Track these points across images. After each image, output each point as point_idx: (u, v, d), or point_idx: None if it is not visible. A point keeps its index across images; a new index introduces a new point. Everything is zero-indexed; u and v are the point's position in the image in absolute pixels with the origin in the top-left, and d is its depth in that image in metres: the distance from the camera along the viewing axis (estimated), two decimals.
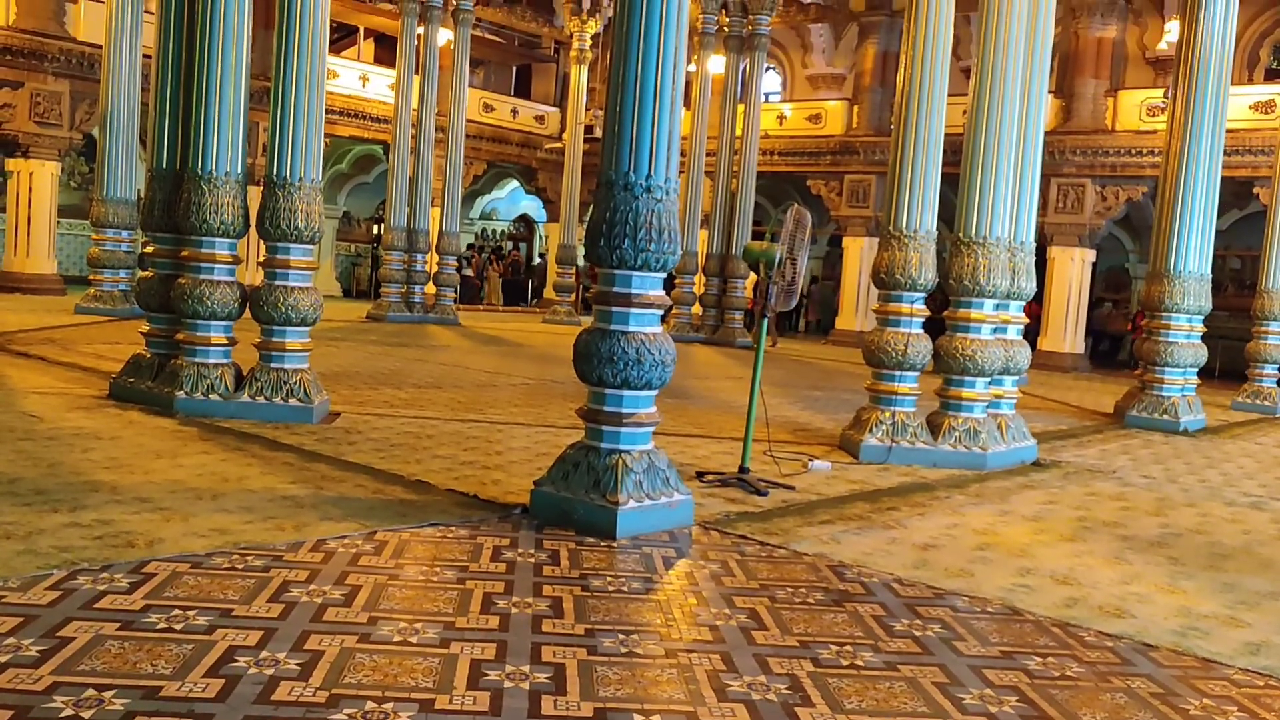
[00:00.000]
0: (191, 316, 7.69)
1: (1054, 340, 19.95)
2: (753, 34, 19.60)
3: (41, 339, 11.60)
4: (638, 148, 5.11)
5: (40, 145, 18.36)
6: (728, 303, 19.84)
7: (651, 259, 5.10)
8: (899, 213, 7.91)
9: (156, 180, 8.08)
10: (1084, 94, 20.01)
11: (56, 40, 18.34)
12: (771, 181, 23.77)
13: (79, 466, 5.70)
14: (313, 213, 7.76)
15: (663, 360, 5.15)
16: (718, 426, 8.94)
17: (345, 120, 22.33)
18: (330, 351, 12.11)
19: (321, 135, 7.90)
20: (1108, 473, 8.21)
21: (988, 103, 8.02)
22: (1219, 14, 11.15)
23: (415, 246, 18.99)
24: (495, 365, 13.19)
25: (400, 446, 7.00)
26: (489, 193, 30.68)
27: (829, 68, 28.34)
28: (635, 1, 5.10)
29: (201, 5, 7.73)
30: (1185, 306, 11.28)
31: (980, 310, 8.03)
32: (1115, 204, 19.64)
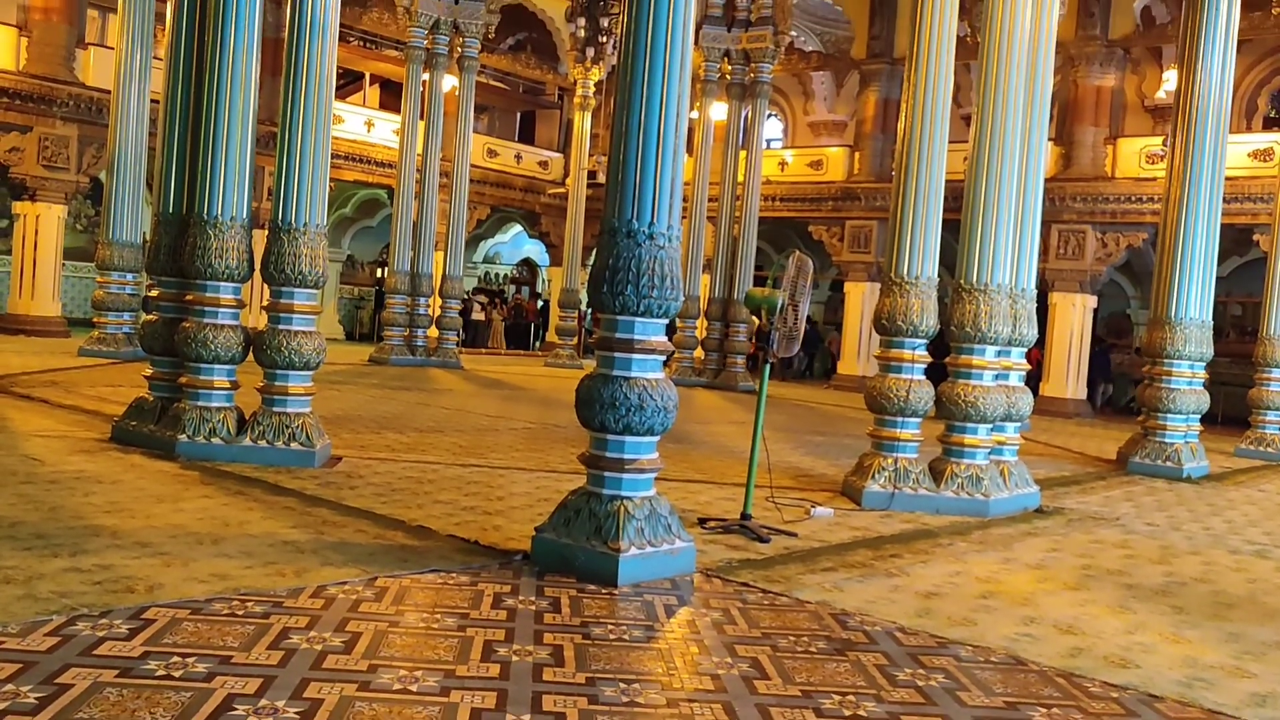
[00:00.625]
0: (195, 360, 7.71)
1: (1056, 386, 19.95)
2: (755, 81, 19.79)
3: (44, 381, 11.62)
4: (641, 196, 5.15)
5: (47, 188, 18.51)
6: (730, 347, 19.87)
7: (654, 305, 5.12)
8: (900, 259, 7.95)
9: (163, 225, 8.14)
10: (1084, 141, 20.17)
11: (66, 85, 18.55)
12: (773, 226, 23.89)
13: (80, 510, 5.69)
14: (317, 257, 7.80)
15: (665, 406, 5.15)
16: (720, 472, 8.93)
17: (350, 165, 22.51)
18: (333, 395, 12.12)
19: (327, 181, 7.96)
20: (1111, 520, 8.18)
21: (988, 150, 8.09)
22: (1216, 63, 11.27)
23: (418, 290, 19.06)
24: (497, 409, 13.19)
25: (402, 491, 6.99)
26: (492, 236, 30.85)
27: (830, 114, 28.62)
28: (639, 52, 5.16)
29: (210, 53, 7.83)
30: (1187, 353, 11.29)
31: (982, 357, 8.04)
32: (1116, 250, 19.72)
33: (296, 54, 7.78)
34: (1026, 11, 8.21)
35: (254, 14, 7.88)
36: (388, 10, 22.11)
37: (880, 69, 22.61)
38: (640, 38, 5.17)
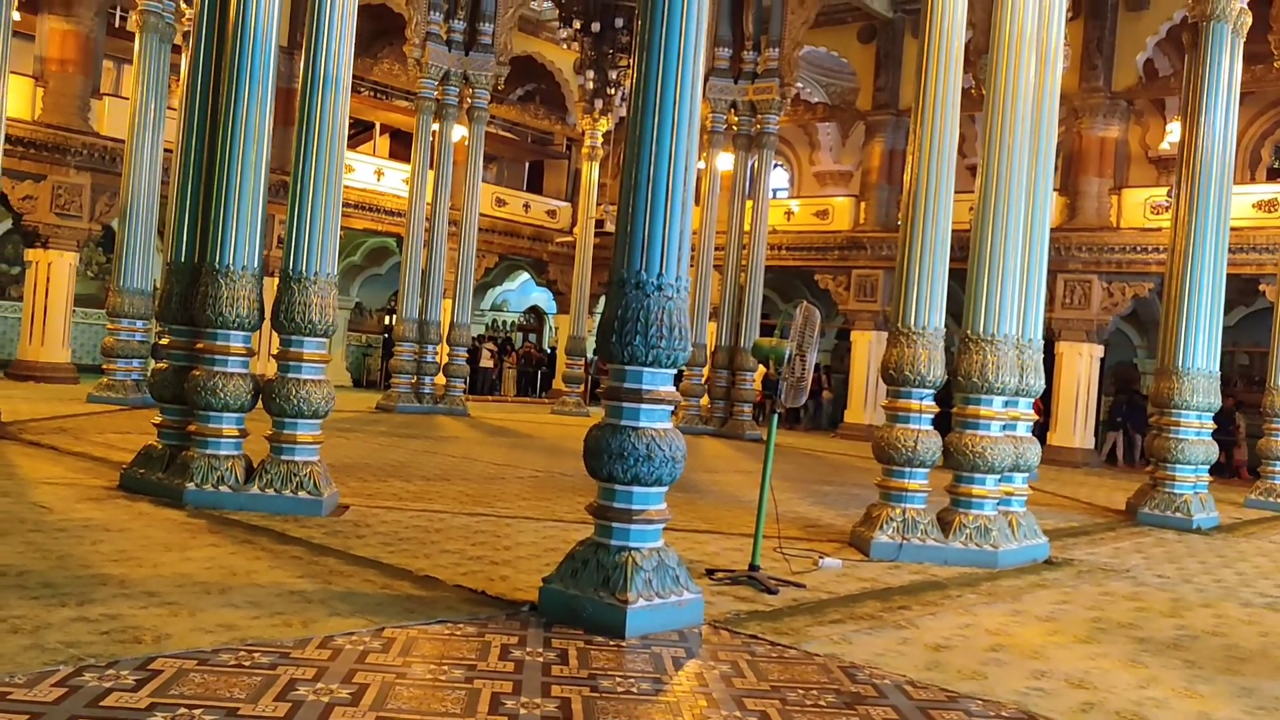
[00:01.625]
0: (204, 408, 7.74)
1: (1064, 435, 19.90)
2: (761, 132, 19.96)
3: (53, 428, 11.65)
4: (649, 247, 5.19)
5: (60, 236, 18.68)
6: (736, 395, 19.87)
7: (662, 356, 5.15)
8: (907, 310, 7.98)
9: (174, 274, 8.21)
10: (1088, 192, 20.28)
11: (80, 135, 18.78)
12: (780, 275, 24.00)
13: (88, 559, 5.69)
14: (327, 306, 7.85)
15: (673, 457, 5.16)
16: (727, 522, 8.90)
17: (360, 213, 22.69)
18: (340, 443, 12.13)
19: (338, 230, 8.04)
20: (1121, 572, 8.13)
21: (994, 201, 8.14)
22: (1219, 115, 11.37)
23: (426, 338, 19.13)
24: (504, 457, 13.19)
25: (409, 540, 6.98)
26: (500, 284, 31.00)
27: (836, 165, 28.83)
28: (648, 107, 5.23)
29: (224, 104, 7.94)
30: (1195, 403, 11.28)
31: (989, 407, 8.04)
32: (1122, 300, 19.76)
33: (309, 105, 7.88)
34: (1030, 65, 8.30)
35: (268, 66, 8.00)
36: (399, 62, 22.42)
37: (886, 120, 22.82)
38: (650, 93, 5.24)
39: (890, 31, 22.89)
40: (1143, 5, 20.03)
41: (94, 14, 19.20)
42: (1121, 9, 20.21)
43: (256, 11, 7.93)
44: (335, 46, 7.92)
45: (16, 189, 18.11)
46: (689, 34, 5.27)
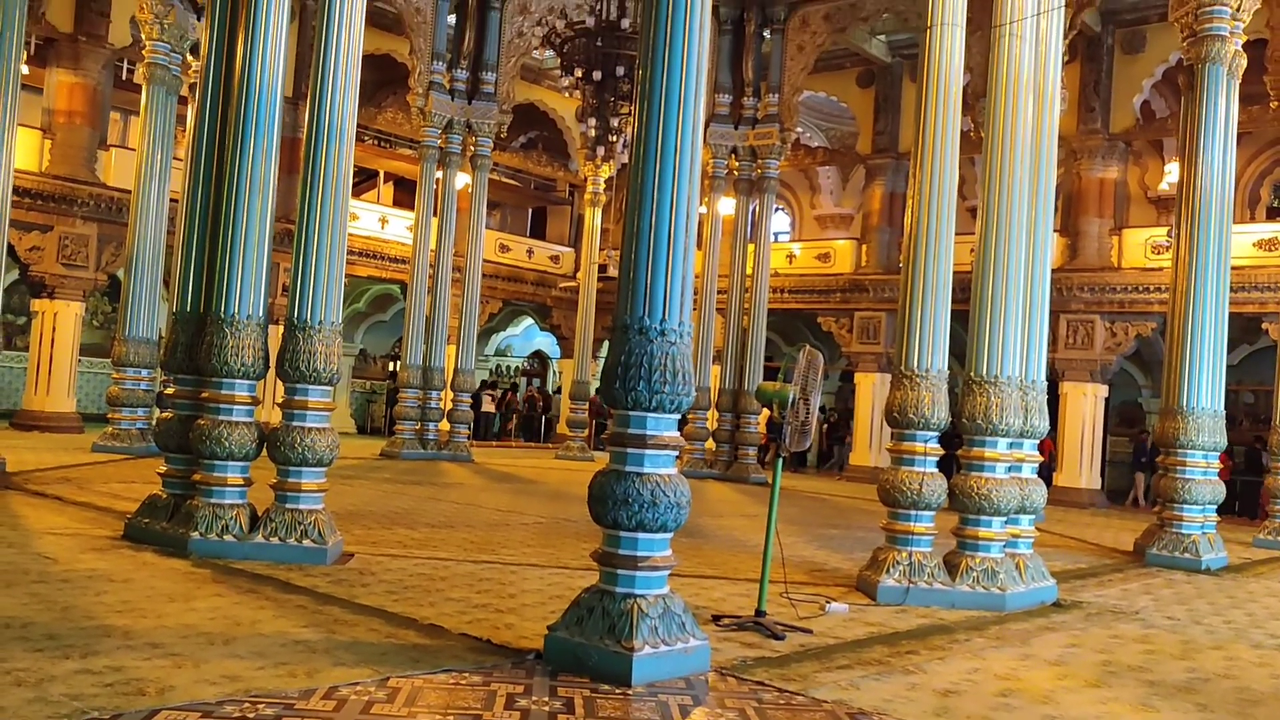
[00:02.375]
0: (209, 457, 7.75)
1: (1070, 476, 19.83)
2: (762, 177, 20.10)
3: (58, 478, 11.65)
4: (652, 293, 5.22)
5: (66, 286, 18.78)
6: (741, 438, 19.83)
7: (666, 401, 5.16)
8: (910, 352, 7.99)
9: (180, 323, 8.25)
10: (1089, 232, 20.37)
11: (87, 185, 18.94)
12: (783, 318, 24.05)
13: (92, 610, 5.67)
14: (332, 355, 7.88)
15: (678, 502, 5.16)
16: (733, 567, 8.86)
17: (364, 261, 22.81)
18: (344, 490, 12.12)
19: (342, 279, 8.08)
20: (1130, 614, 8.08)
21: (994, 243, 8.18)
22: (1217, 156, 11.45)
23: (430, 384, 19.15)
24: (508, 503, 13.16)
25: (413, 589, 6.95)
26: (504, 330, 31.08)
27: (837, 208, 28.99)
28: (649, 154, 5.29)
29: (229, 154, 8.02)
30: (1200, 443, 11.26)
31: (994, 449, 8.03)
32: (1125, 339, 19.78)
33: (314, 155, 7.96)
34: (1028, 107, 8.38)
35: (274, 118, 8.10)
36: (402, 111, 22.63)
37: (886, 163, 22.98)
38: (651, 142, 5.30)
39: (889, 76, 23.11)
40: (1138, 48, 20.23)
41: (101, 67, 19.43)
42: (1117, 52, 20.41)
43: (262, 64, 8.04)
44: (339, 97, 8.01)
45: (24, 240, 18.24)
46: (689, 83, 5.33)
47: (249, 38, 8.04)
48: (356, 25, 8.14)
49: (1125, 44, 20.39)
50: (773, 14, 20.13)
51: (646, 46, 5.42)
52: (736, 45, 20.34)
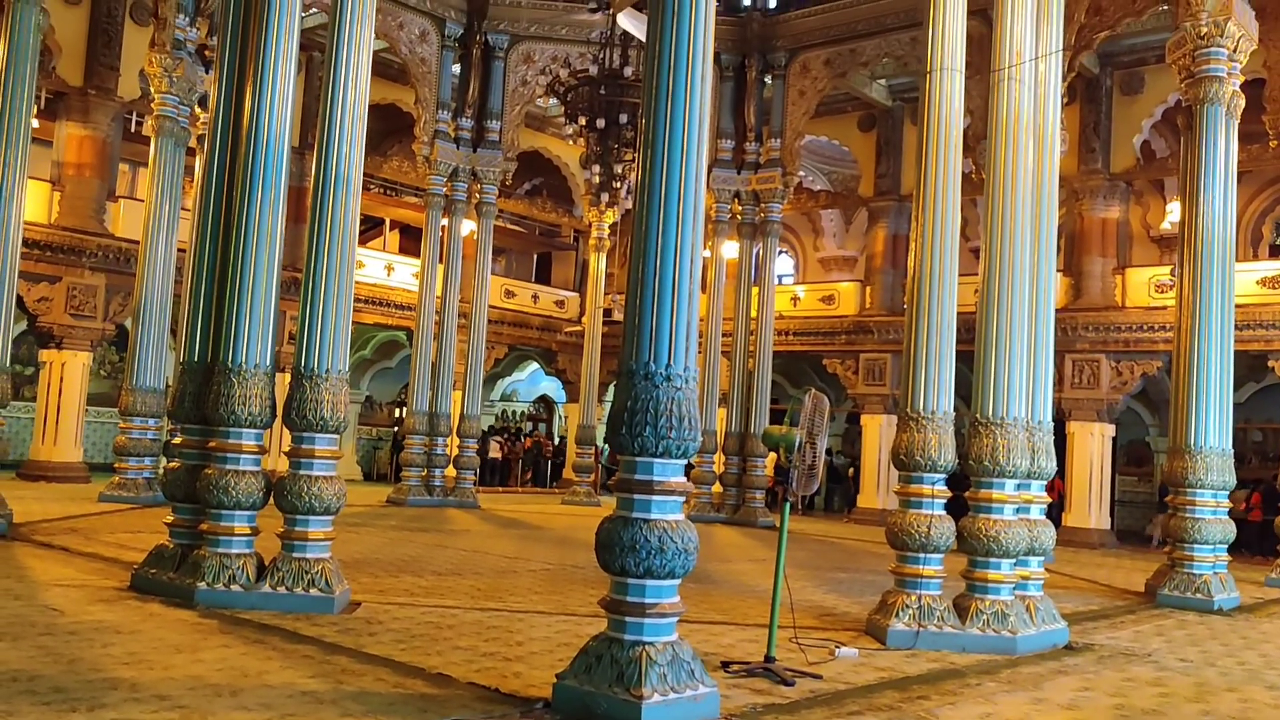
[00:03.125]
0: (216, 506, 7.75)
1: (1079, 516, 19.71)
2: (765, 221, 20.21)
3: (65, 529, 11.64)
4: (657, 338, 5.25)
5: (74, 336, 18.86)
6: (748, 482, 19.78)
7: (673, 446, 5.17)
8: (916, 395, 8.00)
9: (188, 373, 8.28)
10: (1092, 272, 20.40)
11: (95, 237, 19.08)
12: (788, 360, 24.05)
13: (99, 662, 5.65)
14: (338, 403, 7.90)
15: (685, 548, 5.15)
16: (742, 612, 8.81)
17: (370, 308, 22.90)
18: (351, 537, 12.09)
19: (349, 327, 8.12)
20: (1143, 656, 8.01)
21: (998, 284, 8.22)
22: (1218, 195, 11.51)
23: (436, 430, 19.15)
24: (515, 550, 13.11)
25: (421, 637, 6.92)
26: (510, 375, 31.11)
27: (840, 250, 29.09)
28: (653, 202, 5.34)
29: (237, 204, 8.11)
30: (1209, 482, 11.21)
31: (1002, 491, 8.01)
32: (1131, 379, 19.74)
33: (321, 205, 8.03)
34: (1028, 149, 8.46)
35: (281, 169, 8.19)
36: (408, 159, 22.82)
37: (888, 206, 23.08)
38: (654, 189, 5.36)
39: (890, 119, 23.29)
40: (1137, 90, 20.39)
41: (111, 120, 19.65)
42: (1116, 94, 20.57)
43: (269, 116, 8.14)
44: (346, 147, 8.10)
45: (32, 291, 18.35)
46: (691, 131, 5.40)
47: (257, 90, 8.15)
48: (363, 76, 8.25)
49: (1124, 85, 20.56)
50: (774, 60, 20.35)
51: (649, 95, 5.49)
52: (738, 91, 20.54)
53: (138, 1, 19.35)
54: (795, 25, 20.26)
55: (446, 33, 19.59)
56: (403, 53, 19.26)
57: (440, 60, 19.57)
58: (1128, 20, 14.68)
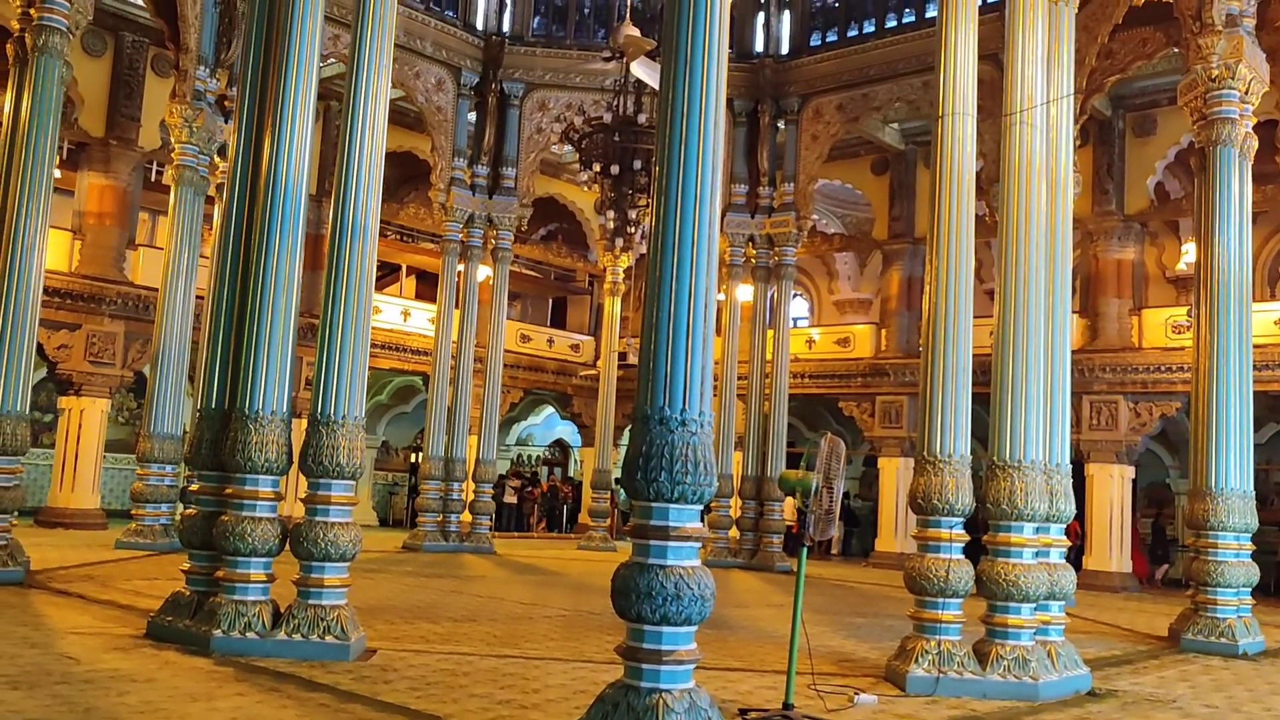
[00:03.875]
0: (232, 553, 7.76)
1: (1100, 559, 19.50)
2: (779, 264, 20.26)
3: (81, 575, 11.65)
4: (672, 383, 5.26)
5: (93, 384, 18.98)
6: (765, 526, 19.67)
7: (688, 491, 5.16)
8: (932, 438, 7.97)
9: (205, 419, 8.32)
10: (1108, 313, 20.36)
11: (115, 284, 19.27)
12: (804, 403, 24.00)
13: (114, 712, 5.64)
14: (355, 449, 7.92)
15: (702, 595, 5.12)
16: (759, 658, 8.74)
17: (387, 353, 23.00)
18: (367, 584, 12.06)
19: (365, 374, 8.15)
20: (1167, 702, 7.89)
21: (1013, 327, 8.21)
22: (1233, 236, 11.49)
23: (452, 475, 19.15)
24: (531, 596, 13.05)
25: (436, 685, 6.88)
26: (525, 419, 31.12)
27: (855, 293, 29.12)
28: (667, 247, 5.37)
29: (255, 252, 8.17)
30: (1231, 524, 11.10)
31: (1020, 534, 7.95)
32: (1150, 420, 19.61)
33: (338, 252, 8.10)
34: (1041, 192, 8.49)
35: (298, 216, 8.26)
36: (424, 206, 23.01)
37: (902, 248, 23.12)
38: (668, 234, 5.39)
39: (903, 163, 23.39)
40: (1150, 131, 20.44)
41: (131, 169, 19.93)
42: (1129, 135, 20.63)
43: (287, 165, 8.23)
44: (363, 195, 8.19)
45: (52, 338, 18.51)
46: (704, 178, 5.44)
47: (275, 140, 8.25)
48: (380, 125, 8.35)
49: (1136, 127, 20.62)
50: (786, 105, 20.52)
51: (663, 143, 5.54)
52: (751, 136, 20.69)
53: (159, 54, 19.66)
54: (808, 71, 20.46)
55: (462, 81, 19.86)
56: (419, 101, 19.51)
57: (456, 108, 19.81)
58: (1139, 63, 14.81)
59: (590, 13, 21.26)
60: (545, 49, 20.44)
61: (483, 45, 20.08)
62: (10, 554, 10.73)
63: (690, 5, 5.57)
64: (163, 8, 15.76)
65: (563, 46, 20.57)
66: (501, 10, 20.66)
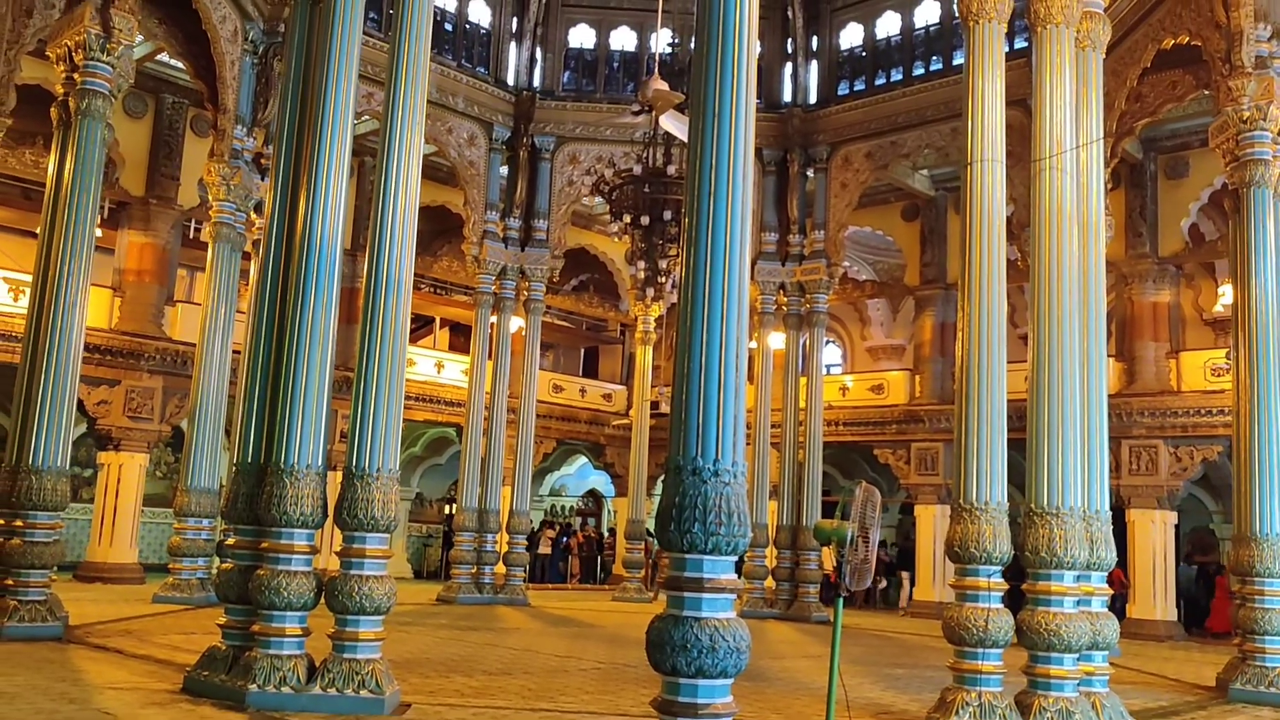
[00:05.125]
0: (268, 607, 7.78)
1: (1144, 607, 19.14)
2: (811, 311, 20.24)
3: (119, 630, 11.71)
4: (704, 434, 5.25)
5: (131, 439, 19.19)
6: (801, 576, 19.46)
7: (722, 543, 5.13)
8: (968, 485, 7.90)
9: (241, 474, 8.38)
10: (1145, 356, 20.16)
11: (154, 340, 19.53)
12: (838, 451, 23.85)
13: None
14: (389, 502, 7.95)
15: (737, 647, 5.07)
16: (797, 711, 8.62)
17: (420, 405, 23.11)
18: (402, 636, 12.03)
19: (400, 426, 8.20)
20: None
21: (1047, 372, 8.16)
22: (1270, 277, 11.40)
23: (486, 526, 19.14)
24: (566, 648, 12.97)
25: None
26: (558, 469, 31.12)
27: (888, 339, 29.03)
28: (697, 298, 5.39)
29: (291, 308, 8.27)
30: (1278, 570, 10.88)
31: (1060, 583, 7.84)
32: (1191, 464, 19.32)
33: (372, 307, 8.18)
34: (1073, 235, 8.47)
35: (334, 272, 8.37)
36: (457, 259, 23.24)
37: (934, 294, 23.05)
38: (698, 285, 5.41)
39: (933, 208, 23.40)
40: (1182, 173, 20.36)
41: (170, 227, 20.30)
42: (1161, 178, 20.55)
43: (323, 221, 8.35)
44: (397, 250, 8.29)
45: (92, 394, 18.75)
46: (734, 230, 5.47)
47: (310, 196, 8.39)
48: (413, 181, 8.47)
49: (1168, 169, 20.54)
50: (815, 154, 20.62)
51: (693, 195, 5.58)
52: (781, 185, 20.78)
53: (198, 114, 20.09)
54: (836, 119, 20.57)
55: (494, 136, 20.14)
56: (452, 156, 19.79)
57: (488, 162, 20.08)
58: (1169, 106, 14.77)
59: (619, 67, 21.54)
60: (575, 103, 20.72)
61: (514, 100, 20.38)
62: (49, 609, 10.82)
63: (718, 59, 5.63)
64: (202, 69, 16.11)
65: (592, 100, 20.85)
66: (532, 66, 20.99)
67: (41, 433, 10.94)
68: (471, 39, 20.56)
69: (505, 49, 20.87)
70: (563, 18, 21.37)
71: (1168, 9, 13.19)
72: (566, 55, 21.42)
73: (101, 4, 11.69)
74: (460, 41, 20.33)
